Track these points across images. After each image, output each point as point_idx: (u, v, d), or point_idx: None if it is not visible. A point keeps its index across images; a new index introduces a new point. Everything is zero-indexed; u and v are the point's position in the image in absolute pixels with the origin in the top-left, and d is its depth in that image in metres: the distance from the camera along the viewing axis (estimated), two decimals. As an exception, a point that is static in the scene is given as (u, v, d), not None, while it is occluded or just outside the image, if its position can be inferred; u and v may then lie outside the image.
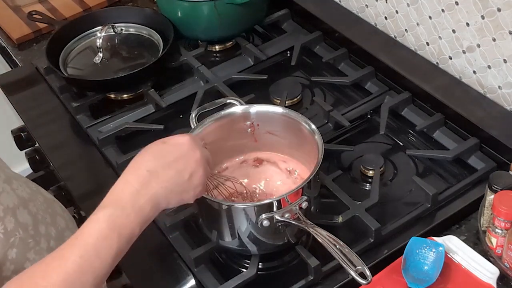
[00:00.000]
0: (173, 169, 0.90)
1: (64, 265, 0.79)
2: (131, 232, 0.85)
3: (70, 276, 0.79)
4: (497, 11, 1.20)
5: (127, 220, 0.85)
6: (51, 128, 1.44)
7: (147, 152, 0.92)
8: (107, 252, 0.82)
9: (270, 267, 1.12)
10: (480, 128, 1.24)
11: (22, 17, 1.74)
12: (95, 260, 0.81)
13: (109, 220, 0.83)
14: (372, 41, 1.47)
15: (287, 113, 1.14)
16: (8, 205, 0.97)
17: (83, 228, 0.83)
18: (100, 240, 0.82)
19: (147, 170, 0.89)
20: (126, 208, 0.85)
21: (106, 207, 0.85)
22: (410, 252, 1.05)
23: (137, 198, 0.86)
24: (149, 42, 1.57)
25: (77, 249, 0.81)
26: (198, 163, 0.92)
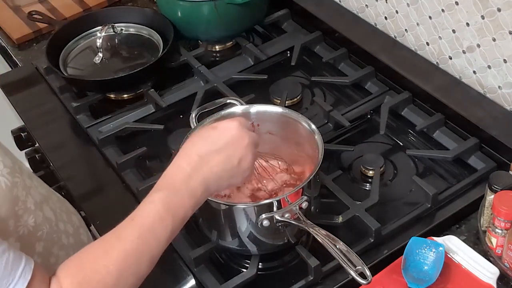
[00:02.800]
0: (222, 154, 0.92)
1: (123, 245, 0.83)
2: (184, 214, 0.88)
3: (128, 255, 0.82)
4: (497, 11, 1.20)
5: (181, 203, 0.88)
6: (51, 128, 1.44)
7: (198, 137, 0.95)
8: (163, 233, 0.86)
9: (270, 267, 1.12)
10: (480, 128, 1.24)
11: (22, 17, 1.74)
12: (152, 241, 0.85)
13: (164, 202, 0.86)
14: (372, 41, 1.47)
15: (287, 113, 1.14)
16: (36, 200, 1.00)
17: (138, 209, 0.86)
18: (156, 222, 0.85)
19: (198, 155, 0.91)
20: (179, 191, 0.88)
21: (160, 190, 0.88)
22: (410, 252, 1.05)
23: (190, 181, 0.89)
24: (149, 42, 1.57)
25: (135, 230, 0.84)
26: (247, 148, 0.95)
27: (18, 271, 0.77)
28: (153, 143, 1.35)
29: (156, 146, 1.35)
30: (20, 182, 0.98)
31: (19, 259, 0.79)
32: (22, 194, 0.97)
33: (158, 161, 1.34)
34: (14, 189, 0.95)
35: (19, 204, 0.96)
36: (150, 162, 1.34)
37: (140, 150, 1.31)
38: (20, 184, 0.97)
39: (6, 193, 0.93)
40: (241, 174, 0.95)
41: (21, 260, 0.79)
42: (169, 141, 1.35)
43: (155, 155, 1.35)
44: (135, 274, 0.84)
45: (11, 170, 0.96)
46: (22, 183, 0.98)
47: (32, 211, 0.98)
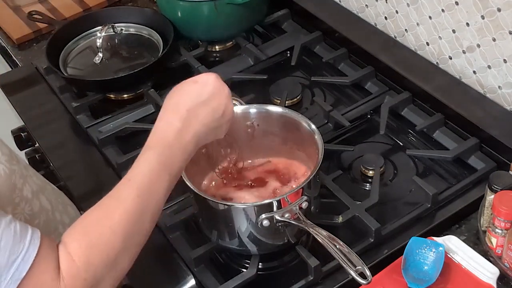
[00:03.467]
0: (209, 106, 0.94)
1: (124, 206, 0.84)
2: (178, 169, 0.90)
3: (131, 215, 0.84)
4: (497, 11, 1.20)
5: (175, 159, 0.90)
6: (51, 128, 1.43)
7: (181, 92, 0.96)
8: (161, 190, 0.87)
9: (270, 267, 1.12)
10: (480, 128, 1.24)
11: (22, 17, 1.74)
12: (151, 199, 0.86)
13: (159, 160, 0.88)
14: (372, 41, 1.47)
15: (287, 113, 1.14)
16: (33, 189, 1.02)
17: (134, 169, 0.88)
18: (153, 180, 0.87)
19: (186, 109, 0.93)
20: (173, 147, 0.90)
21: (154, 148, 0.90)
22: (410, 252, 1.05)
23: (182, 136, 0.91)
24: (149, 42, 1.57)
25: (133, 190, 0.85)
26: (228, 98, 0.97)
27: (27, 238, 0.78)
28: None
29: (156, 146, 1.35)
30: (17, 170, 0.99)
31: (25, 228, 0.79)
32: (19, 182, 0.98)
33: (158, 161, 1.34)
34: (12, 176, 0.96)
35: (16, 192, 0.97)
36: (150, 162, 1.33)
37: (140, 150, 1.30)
38: (18, 172, 0.98)
39: (5, 180, 0.94)
40: (225, 124, 0.98)
41: (27, 229, 0.80)
42: (169, 141, 1.35)
43: (155, 155, 1.35)
44: (139, 233, 0.85)
45: (8, 158, 0.97)
46: (19, 171, 0.99)
47: (28, 200, 0.99)
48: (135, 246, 0.86)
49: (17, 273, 0.76)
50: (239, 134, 1.16)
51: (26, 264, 0.77)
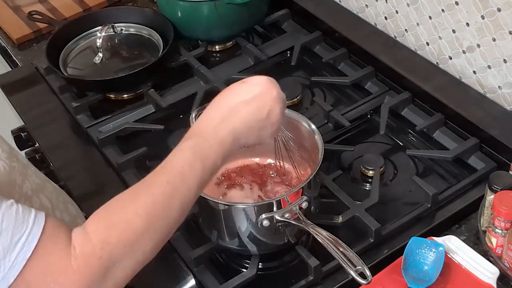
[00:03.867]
0: (252, 105, 0.93)
1: (151, 189, 0.83)
2: (213, 162, 0.88)
3: (158, 198, 0.82)
4: (497, 11, 1.20)
5: (210, 151, 0.88)
6: (51, 128, 1.43)
7: (228, 91, 0.95)
8: (192, 179, 0.85)
9: (270, 267, 1.12)
10: (480, 128, 1.24)
11: (22, 17, 1.74)
12: (182, 186, 0.84)
13: (193, 149, 0.87)
14: (372, 41, 1.47)
15: (287, 113, 1.13)
16: (33, 187, 1.01)
17: (168, 158, 0.87)
18: (185, 168, 0.85)
19: (227, 105, 0.92)
20: (208, 139, 0.89)
21: (189, 139, 0.89)
22: (410, 252, 1.05)
23: (218, 130, 0.90)
24: (149, 42, 1.57)
25: (164, 175, 0.84)
26: (276, 100, 0.95)
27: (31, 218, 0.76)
28: (153, 143, 1.35)
29: (156, 146, 1.35)
30: (17, 167, 0.98)
31: (28, 210, 0.77)
32: (19, 179, 0.97)
33: (158, 161, 1.32)
34: (12, 173, 0.96)
35: (15, 188, 0.96)
36: (150, 162, 1.33)
37: (140, 150, 1.31)
38: (18, 169, 0.98)
39: (5, 176, 0.94)
40: (270, 126, 0.96)
41: (31, 211, 0.78)
42: (169, 141, 1.35)
43: (155, 155, 1.35)
44: (165, 218, 0.83)
45: (8, 155, 0.97)
46: (19, 168, 0.99)
47: (28, 197, 0.98)
48: (160, 232, 0.83)
49: (22, 253, 0.74)
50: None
51: (31, 243, 0.75)
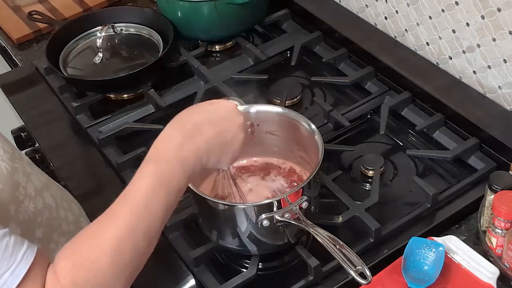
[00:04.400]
0: (218, 127, 0.92)
1: (116, 222, 0.80)
2: (177, 185, 0.85)
3: (123, 232, 0.79)
4: (497, 11, 1.20)
5: (173, 173, 0.85)
6: (51, 128, 1.43)
7: (193, 109, 0.94)
8: (157, 206, 0.82)
9: (270, 267, 1.12)
10: (480, 128, 1.24)
11: (22, 17, 1.74)
12: (146, 215, 0.81)
13: (156, 174, 0.84)
14: (372, 41, 1.47)
15: (287, 113, 1.14)
16: (37, 186, 1.00)
17: (130, 185, 0.84)
18: (149, 195, 0.82)
19: (193, 124, 0.90)
20: (171, 162, 0.86)
21: (150, 162, 0.86)
22: (410, 252, 1.05)
23: (181, 150, 0.87)
24: (149, 42, 1.57)
25: (127, 205, 0.81)
26: (240, 128, 0.95)
27: (20, 254, 0.75)
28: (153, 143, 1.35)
29: (156, 146, 1.35)
30: (20, 168, 0.98)
31: (20, 243, 0.76)
32: (22, 180, 0.97)
33: (158, 161, 1.34)
34: (14, 174, 0.95)
35: (19, 190, 0.96)
36: (150, 162, 1.33)
37: (140, 150, 1.31)
38: (21, 170, 0.98)
39: (7, 178, 0.93)
40: (231, 152, 0.95)
41: (23, 244, 0.76)
42: (169, 141, 1.35)
43: (155, 155, 1.35)
44: (133, 251, 0.80)
45: (11, 156, 0.96)
46: (22, 169, 0.98)
47: (32, 197, 0.98)
48: (129, 266, 0.80)
49: None
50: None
51: (16, 279, 0.74)
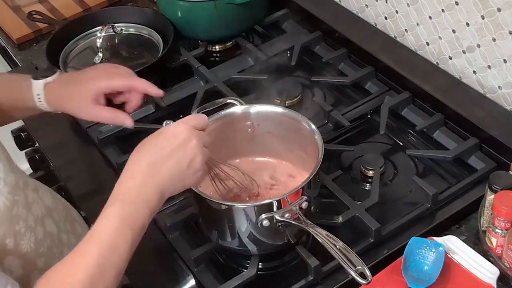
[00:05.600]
0: (171, 159, 0.93)
1: (86, 263, 0.83)
2: (142, 224, 0.89)
3: (93, 272, 0.83)
4: (497, 11, 1.20)
5: (137, 214, 0.88)
6: (51, 128, 1.43)
7: (145, 147, 0.95)
8: (123, 246, 0.86)
9: (270, 267, 1.12)
10: (480, 128, 1.24)
11: (22, 17, 1.74)
12: (113, 256, 0.85)
13: (120, 216, 0.87)
14: (372, 41, 1.47)
15: (287, 113, 1.14)
16: (37, 215, 1.00)
17: (97, 225, 0.87)
18: (114, 237, 0.86)
19: (147, 163, 0.92)
20: (134, 202, 0.89)
21: (114, 203, 0.89)
22: (410, 252, 1.05)
23: (143, 190, 0.90)
24: (149, 42, 1.57)
25: (95, 247, 0.85)
26: (195, 149, 0.95)
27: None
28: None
29: (156, 146, 1.35)
30: (21, 199, 0.97)
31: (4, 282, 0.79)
32: (22, 213, 0.96)
33: (158, 161, 1.34)
34: (14, 208, 0.94)
35: (20, 223, 0.95)
36: (150, 162, 1.33)
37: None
38: (21, 202, 0.97)
39: (4, 213, 0.93)
40: (192, 175, 0.95)
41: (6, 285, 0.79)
42: (169, 141, 1.35)
43: (155, 155, 1.35)
44: None
45: (12, 188, 0.95)
46: (23, 200, 0.97)
47: (32, 228, 0.98)
48: None
49: None
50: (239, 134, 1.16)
51: None
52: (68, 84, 1.13)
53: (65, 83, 1.13)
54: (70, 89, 1.12)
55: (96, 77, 1.12)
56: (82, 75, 1.15)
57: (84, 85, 1.11)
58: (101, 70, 1.16)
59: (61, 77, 1.14)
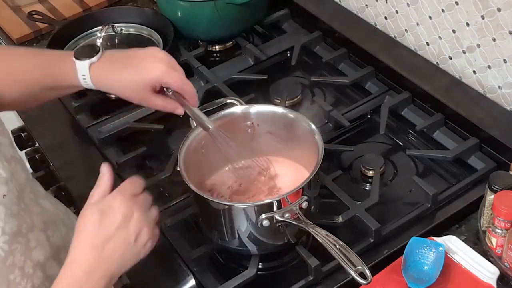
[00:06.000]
0: (117, 239, 0.89)
1: None
2: None
3: None
4: (497, 11, 1.20)
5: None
6: (51, 128, 1.43)
7: (88, 227, 0.90)
8: None
9: (270, 267, 1.12)
10: (480, 128, 1.24)
11: (22, 17, 1.74)
12: None
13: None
14: (372, 41, 1.47)
15: (287, 113, 1.14)
16: (39, 260, 0.97)
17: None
18: None
19: (91, 247, 0.88)
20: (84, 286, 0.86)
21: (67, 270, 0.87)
22: (410, 252, 1.05)
23: (92, 277, 0.87)
24: (149, 42, 1.57)
25: None
26: (139, 222, 0.91)
27: None
28: (153, 143, 1.35)
29: (156, 146, 1.35)
30: (20, 247, 0.93)
31: None
32: (19, 261, 0.93)
33: (158, 161, 1.34)
34: (9, 257, 0.91)
35: (15, 272, 0.92)
36: (150, 162, 1.34)
37: (140, 150, 1.31)
38: (20, 249, 0.93)
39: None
40: (142, 248, 0.92)
41: None
42: (169, 141, 1.35)
43: (155, 155, 1.35)
44: None
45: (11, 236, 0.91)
46: (23, 247, 0.94)
47: (29, 275, 0.95)
48: None
49: None
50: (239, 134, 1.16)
51: None
52: (120, 67, 1.01)
53: (116, 66, 1.02)
54: (123, 74, 1.01)
55: (155, 67, 1.00)
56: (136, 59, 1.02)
57: (141, 72, 1.00)
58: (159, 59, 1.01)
59: (108, 57, 1.02)
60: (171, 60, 1.02)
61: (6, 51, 1.10)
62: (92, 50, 1.01)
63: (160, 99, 1.03)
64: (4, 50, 1.12)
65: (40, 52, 1.16)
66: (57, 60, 1.04)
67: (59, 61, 1.03)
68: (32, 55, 1.07)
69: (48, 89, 1.05)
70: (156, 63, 1.01)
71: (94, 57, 1.00)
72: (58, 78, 1.03)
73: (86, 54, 1.00)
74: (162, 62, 1.01)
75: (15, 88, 1.03)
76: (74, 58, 1.00)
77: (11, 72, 1.03)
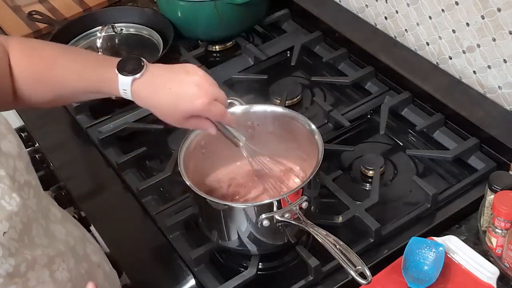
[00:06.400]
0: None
1: None
2: None
3: None
4: (497, 11, 1.20)
5: None
6: (51, 128, 1.44)
7: None
8: None
9: (270, 267, 1.12)
10: (480, 128, 1.24)
11: (22, 17, 1.74)
12: None
13: None
14: (372, 41, 1.47)
15: (287, 113, 1.14)
16: None
17: None
18: None
19: None
20: None
21: None
22: (410, 252, 1.05)
23: None
24: (149, 42, 1.57)
25: None
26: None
27: None
28: (153, 143, 1.35)
29: (156, 146, 1.35)
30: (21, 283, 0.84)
31: None
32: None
33: (158, 161, 1.34)
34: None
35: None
36: (150, 162, 1.34)
37: (140, 150, 1.31)
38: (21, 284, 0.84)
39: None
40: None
41: None
42: (169, 141, 1.35)
43: (155, 155, 1.35)
44: None
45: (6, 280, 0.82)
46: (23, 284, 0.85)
47: None
48: None
49: None
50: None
51: None
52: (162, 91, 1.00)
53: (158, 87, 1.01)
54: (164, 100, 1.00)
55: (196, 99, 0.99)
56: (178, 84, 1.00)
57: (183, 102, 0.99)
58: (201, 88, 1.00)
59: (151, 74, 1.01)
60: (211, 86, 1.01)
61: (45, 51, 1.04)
62: (136, 64, 1.00)
63: (194, 121, 1.02)
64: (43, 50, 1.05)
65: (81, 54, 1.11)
66: (99, 69, 1.02)
67: (102, 70, 1.01)
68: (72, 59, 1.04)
69: (84, 93, 1.05)
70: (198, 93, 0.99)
71: (138, 74, 0.99)
72: (99, 87, 1.02)
73: (129, 68, 0.99)
74: (204, 93, 0.99)
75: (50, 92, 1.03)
76: (117, 71, 0.99)
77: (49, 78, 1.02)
